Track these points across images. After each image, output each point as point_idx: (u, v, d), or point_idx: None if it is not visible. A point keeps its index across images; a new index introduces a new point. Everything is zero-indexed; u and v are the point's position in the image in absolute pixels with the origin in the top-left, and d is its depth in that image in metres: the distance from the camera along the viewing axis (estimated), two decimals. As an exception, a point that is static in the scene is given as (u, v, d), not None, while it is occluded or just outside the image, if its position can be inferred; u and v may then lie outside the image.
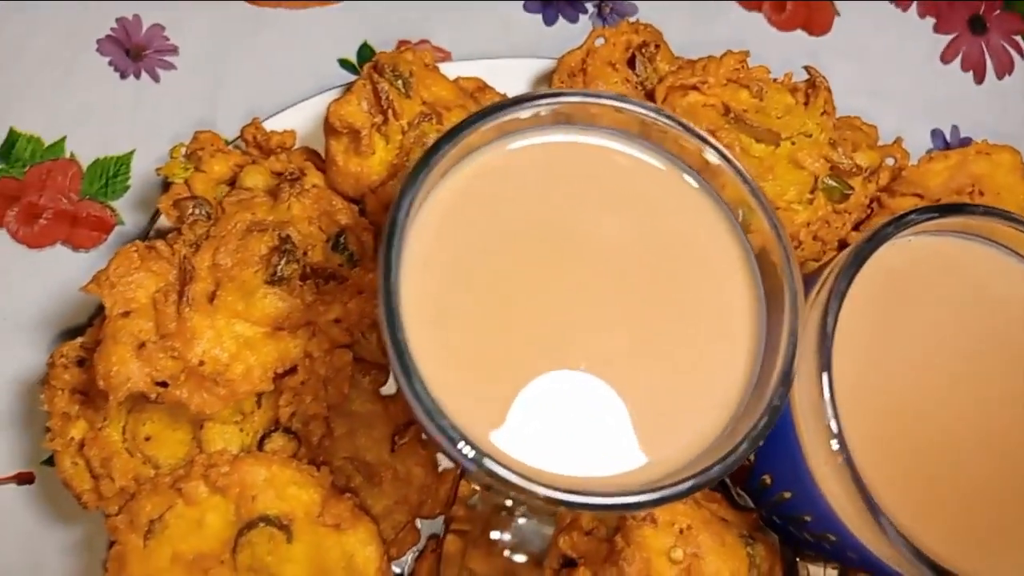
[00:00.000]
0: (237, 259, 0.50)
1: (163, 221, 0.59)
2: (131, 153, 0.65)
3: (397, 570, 0.55)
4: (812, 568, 0.57)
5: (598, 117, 0.46)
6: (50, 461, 0.58)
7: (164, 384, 0.48)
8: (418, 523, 0.57)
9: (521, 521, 0.43)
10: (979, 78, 0.78)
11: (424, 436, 0.49)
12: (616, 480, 0.40)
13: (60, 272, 0.61)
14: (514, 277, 0.44)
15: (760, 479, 0.49)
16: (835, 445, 0.42)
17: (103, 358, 0.48)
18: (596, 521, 0.53)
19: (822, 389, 0.42)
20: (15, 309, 0.61)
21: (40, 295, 0.61)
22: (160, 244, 0.51)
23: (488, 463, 0.38)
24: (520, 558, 0.43)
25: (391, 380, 0.58)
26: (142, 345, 0.49)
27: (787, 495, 0.47)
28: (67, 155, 0.64)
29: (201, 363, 0.49)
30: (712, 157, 0.45)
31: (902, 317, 0.46)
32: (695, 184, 0.46)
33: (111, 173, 0.64)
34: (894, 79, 0.78)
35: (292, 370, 0.51)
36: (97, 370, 0.48)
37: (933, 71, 0.78)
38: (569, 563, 0.53)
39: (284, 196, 0.53)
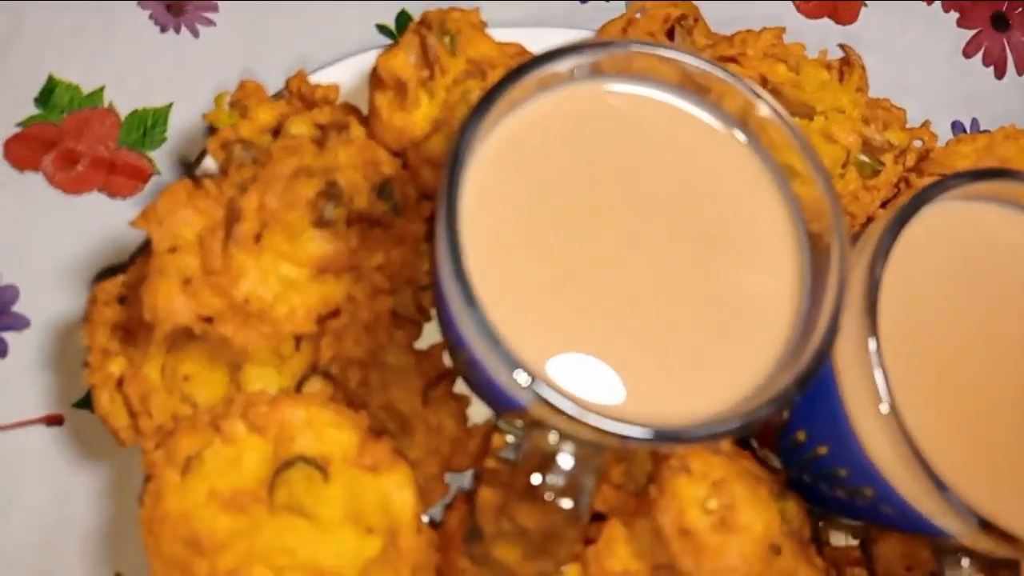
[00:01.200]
0: (284, 202, 0.51)
1: (202, 170, 0.60)
2: (169, 106, 0.65)
3: (425, 519, 0.56)
4: (832, 535, 0.58)
5: (644, 68, 0.47)
6: (81, 404, 0.59)
7: (209, 320, 0.49)
8: (446, 478, 0.57)
9: (564, 467, 0.43)
10: (1000, 73, 0.80)
11: (467, 376, 0.49)
12: (664, 416, 0.41)
13: (96, 218, 0.62)
14: (564, 221, 0.44)
15: (792, 437, 0.50)
16: (881, 396, 0.42)
17: (150, 291, 0.48)
18: (626, 476, 0.54)
19: (868, 339, 0.43)
20: (50, 253, 0.61)
21: (75, 240, 0.61)
22: (208, 182, 0.51)
23: (544, 390, 0.38)
24: (567, 503, 0.43)
25: (424, 335, 0.59)
26: (188, 281, 0.49)
27: (822, 451, 0.48)
28: (105, 105, 0.65)
29: (246, 301, 0.49)
30: (761, 110, 0.46)
31: (944, 278, 0.47)
32: (740, 136, 0.47)
33: (148, 124, 0.64)
34: (917, 71, 0.79)
35: (335, 313, 0.51)
36: (144, 303, 0.48)
37: (955, 65, 0.80)
38: (597, 517, 0.53)
39: (331, 144, 0.53)
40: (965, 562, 0.45)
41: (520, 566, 0.44)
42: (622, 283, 0.43)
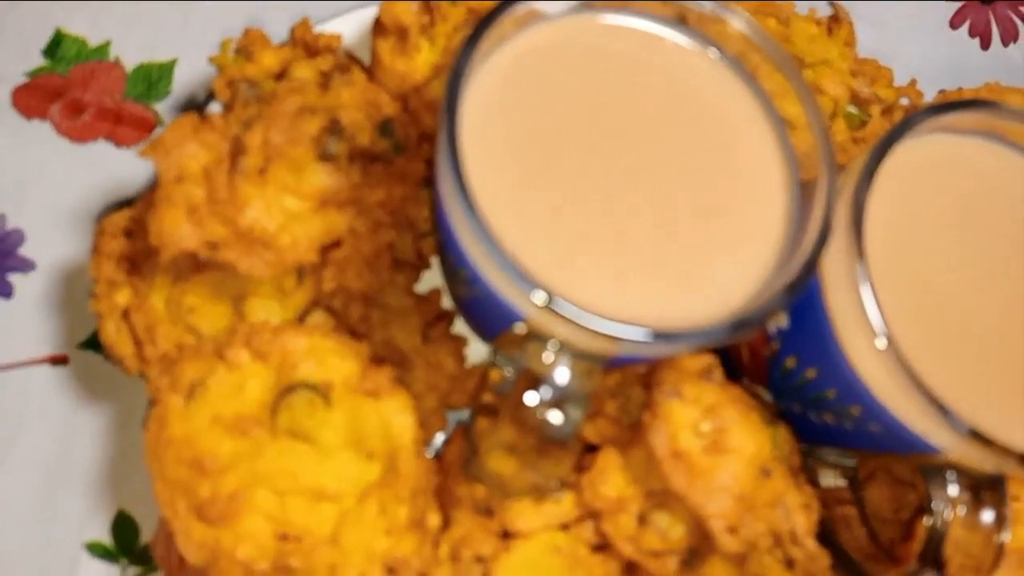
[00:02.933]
0: (288, 138, 0.52)
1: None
2: (174, 61, 0.66)
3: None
4: (822, 478, 0.59)
5: (639, 4, 0.48)
6: (85, 345, 0.60)
7: (214, 246, 0.50)
8: (446, 414, 0.59)
9: (559, 381, 0.44)
10: (985, 44, 0.82)
11: (465, 300, 0.50)
12: (660, 322, 0.42)
13: (102, 166, 0.63)
14: (561, 140, 0.46)
15: (782, 366, 0.51)
16: (868, 313, 0.43)
17: (156, 218, 0.50)
18: (621, 411, 0.55)
19: (855, 259, 0.44)
20: (55, 199, 0.62)
21: (81, 188, 0.63)
22: (214, 117, 0.52)
23: (541, 293, 0.40)
24: (560, 416, 0.44)
25: (423, 282, 0.60)
26: (193, 210, 0.50)
27: (811, 374, 0.49)
28: (111, 58, 0.66)
29: (250, 230, 0.50)
30: (746, 34, 0.47)
31: (928, 204, 0.49)
32: (729, 63, 0.49)
33: (154, 78, 0.66)
34: (905, 41, 0.81)
35: (337, 244, 0.52)
36: (150, 229, 0.49)
37: (942, 35, 0.82)
38: (592, 449, 0.54)
39: (334, 85, 0.55)
40: (952, 477, 0.46)
41: (514, 479, 0.45)
42: (618, 199, 0.45)
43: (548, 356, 0.43)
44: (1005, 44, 0.82)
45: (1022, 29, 0.82)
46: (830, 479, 0.60)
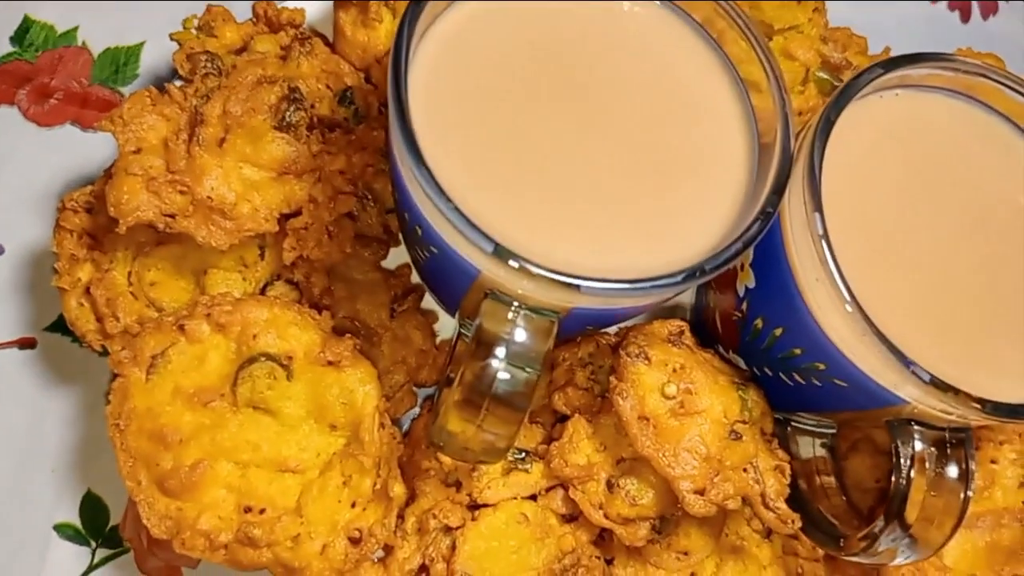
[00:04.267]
0: (247, 108, 0.52)
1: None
2: (141, 45, 0.66)
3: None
4: (802, 440, 0.58)
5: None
6: (53, 328, 0.59)
7: (172, 217, 0.49)
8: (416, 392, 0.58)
9: (515, 340, 0.43)
10: (965, 17, 0.81)
11: (424, 260, 0.49)
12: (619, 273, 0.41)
13: (69, 150, 0.63)
14: (519, 99, 0.45)
15: (752, 328, 0.51)
16: (828, 265, 0.43)
17: (114, 188, 0.49)
18: (591, 380, 0.54)
19: (812, 214, 0.43)
20: (23, 184, 0.62)
21: (48, 171, 0.62)
22: (173, 90, 0.52)
23: (491, 242, 0.39)
24: (507, 376, 0.42)
25: (391, 255, 0.60)
26: (152, 180, 0.50)
27: (778, 333, 0.48)
28: (79, 43, 0.66)
29: (209, 199, 0.50)
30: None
31: (886, 160, 0.49)
32: (690, 24, 0.48)
33: (121, 62, 0.66)
34: (884, 14, 0.80)
35: (297, 213, 0.52)
36: (108, 199, 0.49)
37: (922, 9, 0.81)
38: (563, 420, 0.54)
39: (293, 55, 0.54)
40: (918, 434, 0.46)
41: (469, 439, 0.44)
42: (576, 154, 0.44)
43: (504, 315, 0.43)
44: (985, 17, 0.81)
45: (1002, 3, 0.82)
46: (810, 449, 0.59)
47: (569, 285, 0.39)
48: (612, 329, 0.56)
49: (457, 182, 0.41)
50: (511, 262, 0.39)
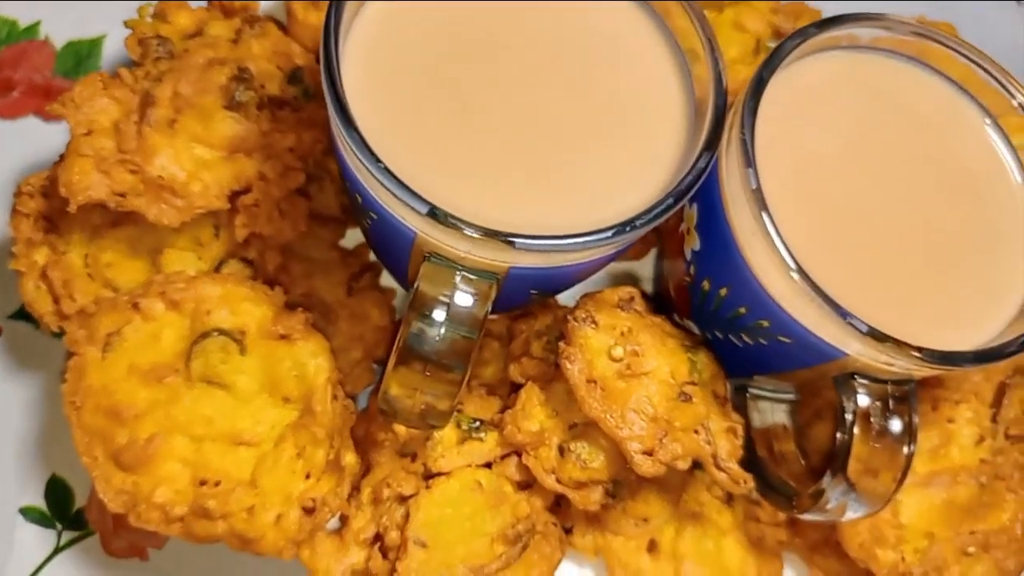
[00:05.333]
0: (197, 89, 0.52)
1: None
2: (102, 37, 0.67)
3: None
4: (762, 407, 0.58)
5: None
6: (16, 316, 0.60)
7: (123, 196, 0.50)
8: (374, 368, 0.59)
9: (456, 303, 0.43)
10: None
11: (365, 224, 0.50)
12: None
13: (31, 141, 0.63)
14: (454, 66, 0.46)
15: (700, 290, 0.51)
16: (765, 222, 0.43)
17: (65, 169, 0.50)
18: (546, 350, 0.55)
19: (746, 170, 0.44)
20: (-15, 175, 0.63)
21: (9, 163, 0.63)
22: (124, 73, 0.53)
23: (435, 208, 0.40)
24: (442, 338, 0.43)
25: (350, 235, 0.61)
26: (102, 161, 0.50)
27: (724, 293, 0.49)
28: (42, 37, 0.67)
29: (160, 178, 0.51)
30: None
31: (822, 119, 0.49)
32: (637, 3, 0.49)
33: (83, 54, 0.67)
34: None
35: (247, 190, 0.52)
36: (59, 179, 0.50)
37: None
38: (517, 388, 0.54)
39: (244, 37, 0.55)
40: (863, 389, 0.46)
41: (408, 402, 0.44)
42: (512, 119, 0.45)
43: (441, 277, 0.43)
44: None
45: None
46: (770, 416, 0.59)
47: (503, 242, 0.40)
48: (570, 301, 0.57)
49: (391, 147, 0.42)
50: (445, 222, 0.40)
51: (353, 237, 0.61)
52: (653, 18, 0.49)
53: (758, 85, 0.45)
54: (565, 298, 0.56)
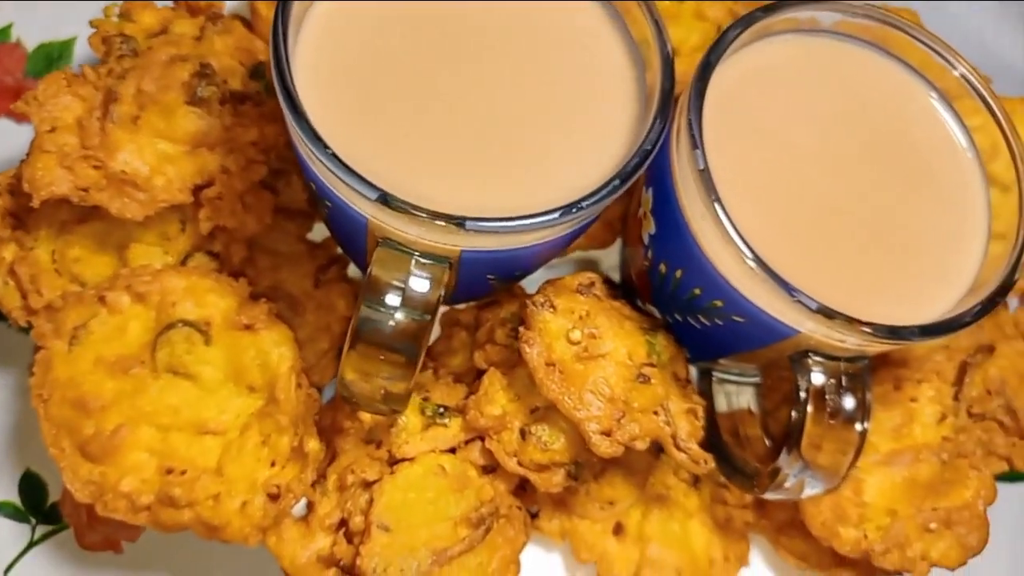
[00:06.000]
0: (160, 85, 0.53)
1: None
2: (74, 39, 0.68)
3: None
4: (727, 391, 0.59)
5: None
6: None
7: (85, 190, 0.51)
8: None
9: (411, 287, 0.44)
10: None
11: (321, 213, 0.50)
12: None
13: (2, 143, 0.64)
14: (404, 53, 0.47)
15: (658, 272, 0.52)
16: (711, 198, 0.44)
17: (29, 165, 0.51)
18: (510, 337, 0.55)
19: (694, 151, 0.44)
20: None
21: (-17, 163, 0.64)
22: (87, 70, 0.54)
23: (384, 194, 0.40)
24: (394, 322, 0.43)
25: (316, 228, 0.61)
26: (66, 156, 0.51)
27: (679, 275, 0.49)
28: (13, 40, 0.68)
29: (123, 173, 0.51)
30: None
31: (772, 101, 0.50)
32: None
33: (54, 56, 0.67)
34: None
35: (211, 184, 0.53)
36: (23, 175, 0.51)
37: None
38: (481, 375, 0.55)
39: (207, 34, 0.56)
40: (817, 367, 0.46)
41: (364, 387, 0.45)
42: (464, 106, 0.46)
43: (394, 262, 0.44)
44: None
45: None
46: (736, 400, 0.60)
47: (453, 225, 0.41)
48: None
49: (343, 135, 0.43)
50: (394, 206, 0.40)
51: (321, 231, 0.61)
52: (606, 8, 0.50)
53: (705, 69, 0.46)
54: (533, 287, 0.57)
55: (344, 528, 0.51)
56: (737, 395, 0.59)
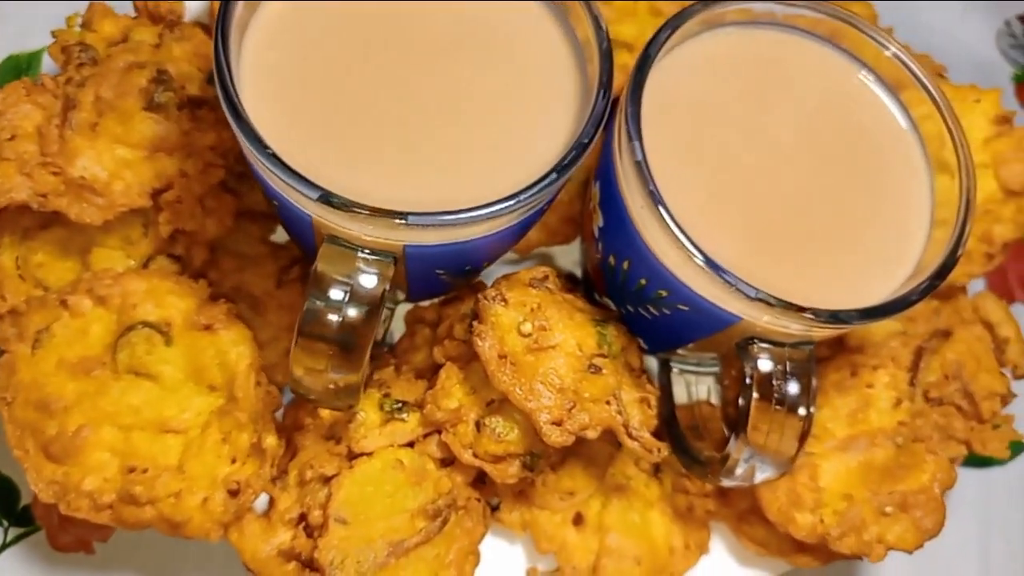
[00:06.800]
0: (118, 91, 0.54)
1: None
2: (42, 49, 0.69)
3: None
4: (687, 381, 0.60)
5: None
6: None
7: (44, 196, 0.52)
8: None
9: (360, 284, 0.44)
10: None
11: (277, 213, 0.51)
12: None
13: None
14: (347, 55, 0.48)
15: (608, 265, 0.52)
16: (649, 188, 0.45)
17: (-12, 173, 0.52)
18: (468, 333, 0.56)
19: (632, 143, 0.45)
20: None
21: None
22: (47, 79, 0.55)
23: (324, 191, 0.41)
24: (335, 318, 0.44)
25: (279, 229, 0.62)
26: (25, 164, 0.52)
27: (626, 266, 0.50)
28: (-17, 53, 0.69)
29: (82, 179, 0.52)
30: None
31: (711, 91, 0.51)
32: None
33: (23, 67, 0.69)
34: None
35: (170, 188, 0.54)
36: (-18, 184, 0.52)
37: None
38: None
39: (165, 41, 0.57)
40: (764, 354, 0.47)
41: (312, 382, 0.46)
42: (406, 107, 0.47)
43: (338, 258, 0.44)
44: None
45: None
46: (695, 390, 0.60)
47: (394, 220, 0.41)
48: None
49: (287, 135, 0.44)
50: (334, 204, 0.41)
51: (284, 232, 0.62)
52: (549, 7, 0.51)
53: (643, 61, 0.47)
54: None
55: (304, 522, 0.52)
56: (696, 385, 0.60)
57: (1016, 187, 0.59)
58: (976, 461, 0.69)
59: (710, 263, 0.44)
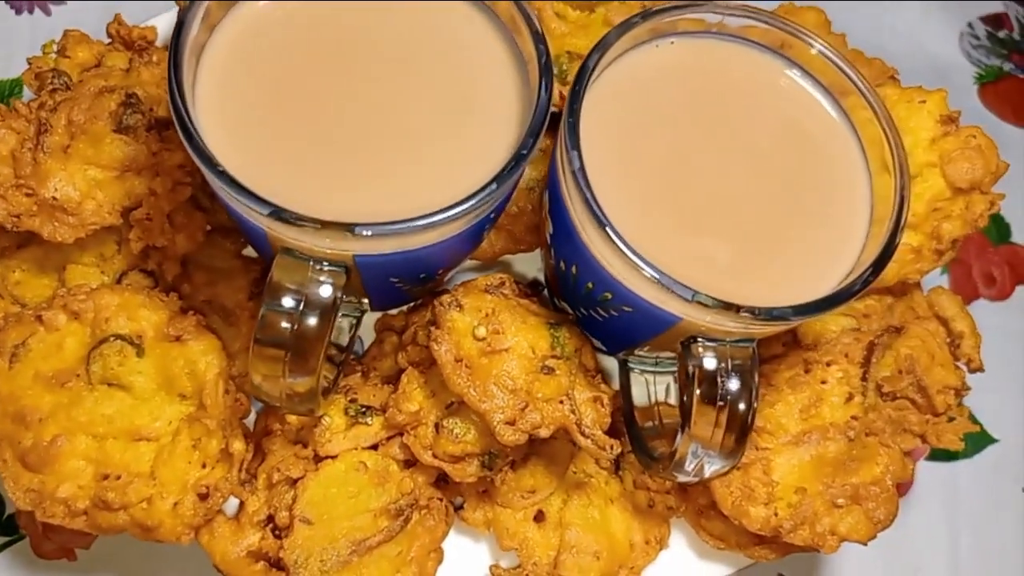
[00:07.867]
0: (89, 115, 0.57)
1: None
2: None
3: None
4: (646, 380, 0.61)
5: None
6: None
7: (18, 216, 0.54)
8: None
9: (308, 292, 0.46)
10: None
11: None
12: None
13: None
14: (300, 74, 0.50)
15: (561, 270, 0.54)
16: (586, 194, 0.47)
17: (-37, 196, 0.54)
18: (429, 339, 0.58)
19: (570, 152, 0.47)
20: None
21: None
22: (19, 105, 0.57)
23: (283, 211, 0.43)
24: (286, 324, 0.46)
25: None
26: (0, 187, 0.55)
27: (575, 271, 0.52)
28: (-35, 80, 0.72)
29: (54, 199, 0.55)
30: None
31: (653, 101, 0.53)
32: (480, 10, 0.53)
33: (5, 93, 0.71)
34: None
35: (140, 206, 0.56)
36: (-42, 206, 0.54)
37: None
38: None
39: (134, 66, 0.60)
40: (709, 353, 0.49)
41: (270, 387, 0.48)
42: (353, 118, 0.49)
43: (292, 268, 0.46)
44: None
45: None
46: (654, 388, 0.62)
47: (342, 231, 0.43)
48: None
49: (240, 152, 0.46)
50: (283, 218, 0.44)
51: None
52: (494, 21, 0.53)
53: (583, 72, 0.49)
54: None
55: (272, 524, 0.54)
56: (655, 384, 0.62)
57: (963, 184, 0.60)
58: (943, 455, 0.71)
59: (648, 266, 0.46)
